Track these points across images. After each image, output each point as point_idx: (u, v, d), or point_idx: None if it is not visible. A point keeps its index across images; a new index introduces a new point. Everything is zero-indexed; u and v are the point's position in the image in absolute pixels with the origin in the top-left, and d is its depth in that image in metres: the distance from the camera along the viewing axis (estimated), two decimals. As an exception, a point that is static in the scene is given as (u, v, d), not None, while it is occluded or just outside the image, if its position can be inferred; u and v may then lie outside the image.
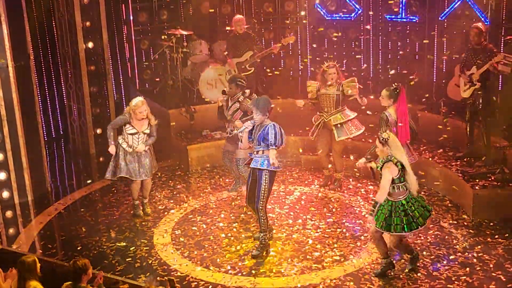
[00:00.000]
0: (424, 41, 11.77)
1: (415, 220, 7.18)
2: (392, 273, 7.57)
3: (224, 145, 9.98)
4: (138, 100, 8.94)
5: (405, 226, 7.15)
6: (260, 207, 7.95)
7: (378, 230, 7.32)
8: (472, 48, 9.53)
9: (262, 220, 8.04)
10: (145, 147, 8.99)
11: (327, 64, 9.60)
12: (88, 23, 11.86)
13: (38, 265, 6.40)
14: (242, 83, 9.43)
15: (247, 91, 9.58)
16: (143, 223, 9.21)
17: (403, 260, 7.83)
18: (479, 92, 9.41)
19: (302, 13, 12.83)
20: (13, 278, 6.75)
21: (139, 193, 9.34)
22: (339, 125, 9.58)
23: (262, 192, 7.89)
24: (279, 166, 8.03)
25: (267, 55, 11.89)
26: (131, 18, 12.98)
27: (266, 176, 7.87)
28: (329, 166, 10.05)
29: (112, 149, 9.00)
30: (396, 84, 8.67)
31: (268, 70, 13.04)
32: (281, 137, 7.81)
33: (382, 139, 7.13)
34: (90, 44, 11.92)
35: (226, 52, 11.95)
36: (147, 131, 9.00)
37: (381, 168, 7.17)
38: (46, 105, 12.60)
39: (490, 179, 9.08)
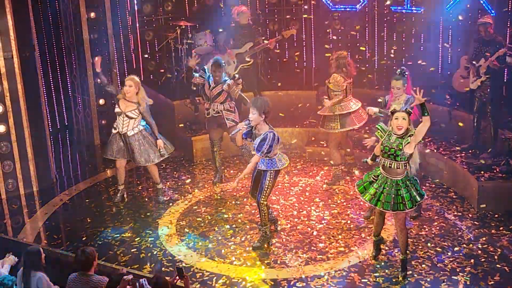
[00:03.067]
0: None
1: (404, 202, 7.04)
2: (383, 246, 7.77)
3: (209, 133, 10.03)
4: (130, 76, 9.08)
5: (392, 205, 7.04)
6: (262, 201, 7.96)
7: (383, 212, 7.31)
8: (481, 40, 9.45)
9: (263, 214, 8.05)
10: (132, 131, 9.01)
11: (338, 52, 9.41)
12: (92, 14, 11.87)
13: (43, 255, 6.44)
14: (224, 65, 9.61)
15: (237, 75, 9.60)
16: (148, 214, 9.23)
17: (407, 252, 7.83)
18: (486, 84, 9.36)
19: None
20: (10, 263, 6.80)
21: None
22: (329, 117, 9.50)
23: (265, 187, 7.91)
24: (285, 162, 8.04)
25: (267, 48, 11.85)
26: (136, 9, 12.97)
27: (271, 174, 7.90)
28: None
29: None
30: (400, 68, 8.39)
31: (278, 61, 13.00)
32: (268, 147, 7.67)
33: (403, 71, 7.34)
34: (95, 35, 11.92)
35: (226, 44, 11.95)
36: (132, 114, 8.96)
37: (406, 144, 6.89)
38: (51, 96, 12.60)
39: (495, 171, 9.06)
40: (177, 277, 6.22)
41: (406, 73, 8.28)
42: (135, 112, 8.98)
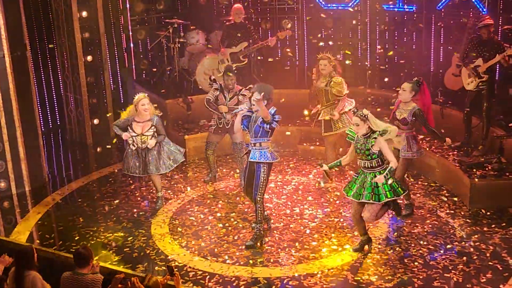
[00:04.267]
0: (420, 24, 11.75)
1: (384, 192, 7.41)
2: (368, 248, 7.85)
3: (207, 136, 9.98)
4: (140, 94, 8.95)
5: (374, 196, 7.42)
6: (259, 198, 7.98)
7: (357, 212, 7.65)
8: (476, 39, 9.44)
9: (259, 211, 8.06)
10: (154, 144, 8.94)
11: (321, 55, 9.53)
12: (84, 13, 11.83)
13: (36, 255, 6.42)
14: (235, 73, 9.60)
15: (250, 85, 9.50)
16: (141, 213, 9.21)
17: (399, 249, 7.86)
18: (482, 85, 9.37)
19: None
20: (4, 264, 6.77)
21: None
22: (327, 120, 9.53)
23: (261, 183, 7.92)
24: (277, 157, 8.06)
25: (262, 47, 11.86)
26: (128, 7, 12.94)
27: (264, 168, 7.90)
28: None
29: (126, 135, 8.93)
30: (417, 77, 8.48)
31: (271, 59, 12.99)
32: (274, 115, 7.81)
33: (363, 116, 7.39)
34: (87, 34, 11.90)
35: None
36: (148, 133, 8.92)
37: (371, 145, 7.38)
38: (43, 96, 12.58)
39: (487, 169, 9.10)
40: (168, 275, 6.23)
41: (421, 83, 8.37)
42: (151, 129, 8.94)
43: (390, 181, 7.38)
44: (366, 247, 7.89)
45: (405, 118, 8.35)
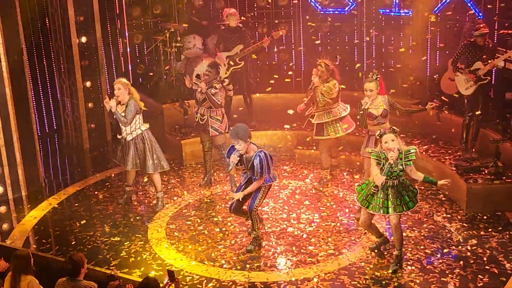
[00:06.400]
0: (427, 37, 11.78)
1: (393, 206, 7.35)
2: (386, 248, 7.90)
3: (199, 136, 10.08)
4: (117, 79, 9.10)
5: (383, 208, 7.38)
6: (254, 210, 8.00)
7: (367, 219, 7.62)
8: (472, 44, 9.44)
9: (255, 221, 8.10)
10: (131, 136, 9.00)
11: (320, 60, 9.55)
12: (81, 18, 11.82)
13: (32, 259, 6.40)
14: (219, 69, 9.73)
15: (226, 80, 9.64)
16: (137, 217, 9.20)
17: (401, 249, 7.85)
18: (479, 88, 9.39)
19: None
20: (1, 269, 6.75)
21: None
22: (320, 124, 9.56)
23: (258, 201, 7.97)
24: (276, 177, 8.14)
25: (258, 49, 11.88)
26: (125, 12, 12.94)
27: (265, 189, 7.98)
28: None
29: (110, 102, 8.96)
30: (372, 71, 8.63)
31: (267, 63, 13.01)
32: (267, 167, 7.75)
33: (395, 131, 7.33)
34: (84, 39, 11.90)
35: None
36: (116, 113, 8.95)
37: (406, 166, 7.31)
38: (40, 100, 12.57)
39: (483, 173, 9.11)
40: (169, 281, 6.20)
41: (378, 76, 8.49)
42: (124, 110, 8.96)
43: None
44: (381, 248, 7.98)
45: (385, 109, 8.44)
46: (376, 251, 7.94)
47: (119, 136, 9.20)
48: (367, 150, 7.78)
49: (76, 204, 9.79)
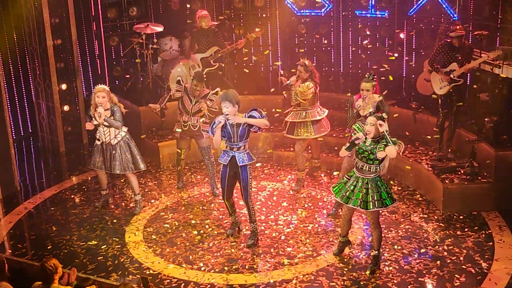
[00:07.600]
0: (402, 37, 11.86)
1: (373, 201, 7.31)
2: (349, 249, 7.94)
3: (176, 143, 10.04)
4: (99, 87, 8.92)
5: (361, 202, 7.33)
6: (250, 199, 8.09)
7: (348, 214, 7.65)
8: (448, 45, 9.49)
9: (252, 211, 8.19)
10: (103, 121, 8.85)
11: (300, 61, 9.55)
12: (56, 20, 11.73)
13: (6, 265, 6.32)
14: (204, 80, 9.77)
15: (218, 89, 9.54)
16: (114, 221, 9.14)
17: (379, 249, 7.88)
18: (453, 89, 9.44)
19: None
20: None
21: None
22: (293, 123, 9.58)
23: (249, 184, 8.06)
24: (254, 158, 8.21)
25: (232, 50, 11.87)
26: (100, 14, 12.85)
27: (250, 169, 8.05)
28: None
29: (88, 126, 9.01)
30: (369, 72, 8.65)
31: (245, 65, 12.99)
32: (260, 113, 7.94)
33: (382, 118, 7.23)
34: (59, 41, 11.79)
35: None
36: (108, 120, 8.86)
37: (379, 150, 7.19)
38: (14, 103, 12.44)
39: (459, 173, 9.18)
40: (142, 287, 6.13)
41: (375, 76, 8.53)
42: (108, 117, 8.87)
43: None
44: (347, 249, 7.97)
45: (371, 112, 8.43)
46: (338, 256, 7.92)
47: (98, 142, 9.06)
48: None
49: (52, 208, 9.70)
